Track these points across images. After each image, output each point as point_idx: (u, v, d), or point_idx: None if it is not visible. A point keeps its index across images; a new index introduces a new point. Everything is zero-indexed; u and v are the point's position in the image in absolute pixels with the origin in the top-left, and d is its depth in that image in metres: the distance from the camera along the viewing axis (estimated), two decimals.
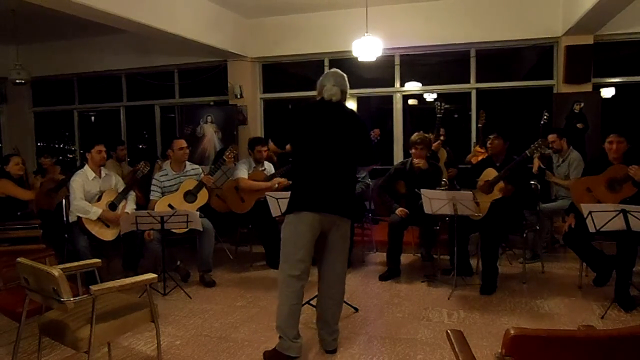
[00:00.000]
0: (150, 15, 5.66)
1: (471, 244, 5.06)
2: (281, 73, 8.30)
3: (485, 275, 4.56)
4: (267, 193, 4.48)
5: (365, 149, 3.30)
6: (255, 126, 7.95)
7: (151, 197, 5.06)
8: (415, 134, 5.10)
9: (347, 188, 3.24)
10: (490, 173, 4.69)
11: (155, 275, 2.83)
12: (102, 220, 4.68)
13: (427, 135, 5.18)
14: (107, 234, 4.71)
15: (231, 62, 7.87)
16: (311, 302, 3.82)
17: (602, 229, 3.81)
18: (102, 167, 4.93)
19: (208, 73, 8.22)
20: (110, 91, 9.02)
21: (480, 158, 5.84)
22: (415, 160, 5.04)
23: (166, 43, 7.23)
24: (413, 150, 5.05)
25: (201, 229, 4.72)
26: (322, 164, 3.14)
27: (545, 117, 5.92)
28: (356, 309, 4.10)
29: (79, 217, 4.63)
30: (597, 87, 6.76)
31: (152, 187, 5.08)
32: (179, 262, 5.07)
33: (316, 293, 3.38)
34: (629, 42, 6.71)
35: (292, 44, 7.43)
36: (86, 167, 4.84)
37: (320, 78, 3.39)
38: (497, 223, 4.54)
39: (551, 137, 5.55)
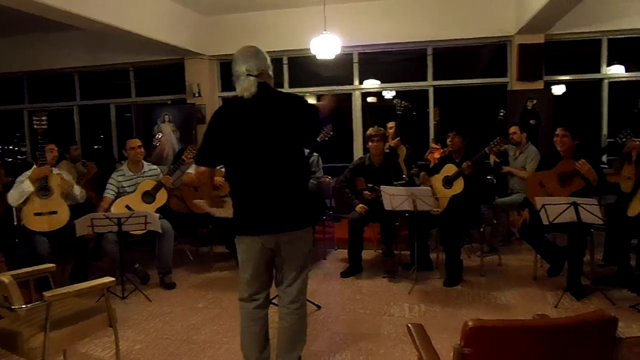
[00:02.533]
0: (104, 12, 5.50)
1: (431, 239, 5.15)
2: None
3: (449, 268, 4.66)
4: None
5: (311, 127, 2.79)
6: None
7: (104, 195, 4.92)
8: (371, 128, 5.15)
9: (294, 196, 2.66)
10: (450, 169, 4.78)
11: (113, 279, 2.76)
12: (44, 212, 4.55)
13: (382, 128, 5.24)
14: (44, 223, 4.56)
15: (189, 60, 7.75)
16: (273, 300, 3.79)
17: (554, 221, 3.95)
18: (53, 167, 4.78)
19: (165, 71, 8.07)
20: (62, 90, 8.74)
21: (436, 154, 5.95)
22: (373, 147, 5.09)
23: (121, 40, 7.07)
24: (370, 144, 5.09)
25: (160, 231, 4.63)
26: (255, 177, 2.59)
27: (501, 113, 6.08)
28: (318, 307, 4.11)
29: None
30: (549, 85, 7.00)
31: (108, 186, 4.95)
32: (137, 265, 4.97)
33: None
34: (578, 41, 6.98)
35: (250, 42, 7.25)
36: (34, 167, 4.70)
37: (233, 60, 2.71)
38: (456, 218, 4.64)
39: (513, 129, 5.74)
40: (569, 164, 4.30)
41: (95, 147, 9.50)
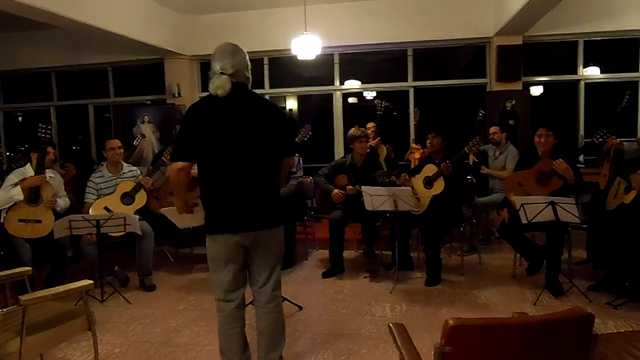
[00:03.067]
0: (81, 11, 5.42)
1: (412, 238, 5.18)
2: None
3: (429, 268, 4.69)
4: None
5: (288, 138, 2.82)
6: None
7: (86, 200, 4.86)
8: (352, 129, 5.14)
9: (269, 194, 2.69)
10: (430, 169, 4.81)
11: (91, 282, 2.72)
12: (29, 220, 4.45)
13: (364, 129, 5.26)
14: (26, 230, 4.46)
15: (168, 60, 7.69)
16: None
17: (533, 220, 4.00)
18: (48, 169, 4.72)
19: (144, 71, 7.99)
20: (39, 90, 8.60)
21: (416, 154, 5.99)
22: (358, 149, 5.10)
23: (99, 40, 6.97)
24: (357, 144, 5.06)
25: (140, 232, 4.58)
26: (230, 174, 2.59)
27: (480, 114, 6.15)
28: (300, 307, 4.10)
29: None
30: (527, 86, 7.10)
31: (87, 189, 4.88)
32: (116, 267, 4.90)
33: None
34: (555, 43, 7.09)
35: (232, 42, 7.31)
36: (27, 166, 4.64)
37: (211, 58, 2.69)
38: (437, 218, 4.67)
39: (493, 128, 5.80)
40: (547, 164, 4.36)
41: (74, 148, 9.37)
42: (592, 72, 7.22)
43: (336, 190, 5.02)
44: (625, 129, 5.56)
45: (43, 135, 4.41)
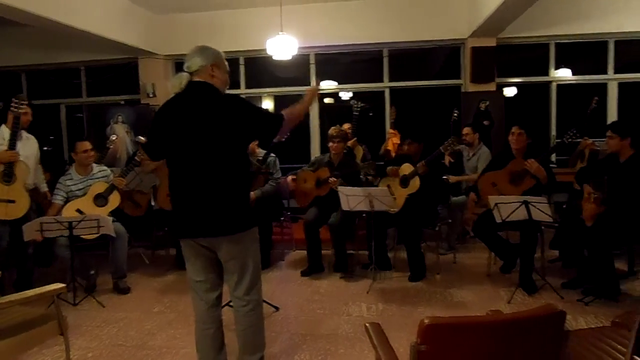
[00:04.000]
0: (52, 9, 5.30)
1: (388, 238, 5.21)
2: None
3: (412, 264, 4.78)
4: None
5: (262, 124, 2.63)
6: None
7: (53, 201, 4.74)
8: (332, 128, 5.17)
9: (228, 200, 2.54)
10: (407, 168, 4.84)
11: (62, 285, 2.67)
12: (1, 200, 4.30)
13: (342, 129, 5.28)
14: (14, 210, 4.33)
15: (142, 60, 7.59)
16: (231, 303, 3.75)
17: (507, 219, 4.06)
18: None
19: (118, 71, 7.87)
20: (9, 89, 8.38)
21: (394, 139, 6.01)
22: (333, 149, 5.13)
23: (71, 38, 6.83)
24: (331, 144, 5.11)
25: (114, 234, 4.50)
26: (186, 178, 2.54)
27: (455, 114, 6.21)
28: (276, 308, 4.09)
29: None
30: (501, 87, 7.20)
31: (55, 191, 4.76)
32: (92, 271, 4.77)
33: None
34: (527, 44, 7.21)
35: (205, 42, 7.17)
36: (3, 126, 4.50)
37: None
38: (413, 216, 4.71)
39: (466, 129, 5.87)
40: (519, 164, 4.43)
41: (45, 148, 9.16)
42: (564, 74, 7.37)
43: (290, 178, 5.23)
44: (595, 130, 5.68)
45: (15, 110, 4.30)
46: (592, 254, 4.02)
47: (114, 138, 5.65)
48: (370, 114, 8.05)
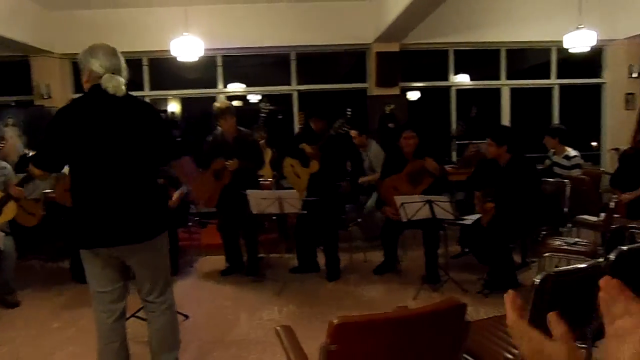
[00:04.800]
0: None
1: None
2: None
3: (329, 265, 4.85)
4: None
5: (167, 143, 2.67)
6: None
7: None
8: (217, 103, 5.02)
9: (143, 205, 2.51)
10: (306, 147, 4.78)
11: None
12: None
13: (230, 103, 5.12)
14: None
15: (35, 58, 7.07)
16: (137, 314, 3.59)
17: (412, 219, 4.21)
18: None
19: (6, 70, 7.28)
20: None
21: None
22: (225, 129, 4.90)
23: None
24: (222, 122, 4.85)
25: (2, 247, 4.14)
26: (101, 184, 2.42)
27: (348, 113, 6.25)
28: (186, 316, 3.95)
29: None
30: (405, 91, 7.48)
31: None
32: None
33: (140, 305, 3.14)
34: (429, 51, 7.56)
35: (106, 41, 6.83)
36: None
37: (85, 56, 2.53)
38: (329, 216, 4.79)
39: (352, 133, 5.97)
40: (416, 164, 4.61)
41: None
42: (462, 79, 7.80)
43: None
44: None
45: None
46: (490, 249, 4.28)
47: (2, 144, 5.20)
48: (280, 117, 8.05)
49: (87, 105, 2.46)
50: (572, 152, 5.64)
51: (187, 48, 5.74)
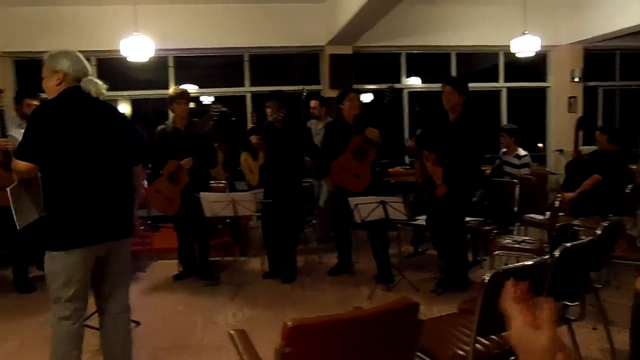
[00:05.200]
0: None
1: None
2: (40, 71, 7.39)
3: (285, 267, 4.84)
4: None
5: (138, 143, 2.83)
6: None
7: None
8: (172, 89, 4.97)
9: (125, 202, 2.65)
10: (251, 139, 4.86)
11: None
12: None
13: (183, 88, 5.02)
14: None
15: None
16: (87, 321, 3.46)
17: (366, 219, 4.25)
18: None
19: None
20: None
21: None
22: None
23: None
24: (175, 106, 4.71)
25: None
26: (87, 183, 2.46)
27: (304, 93, 6.26)
28: (137, 323, 3.83)
29: None
30: (358, 93, 7.52)
31: None
32: None
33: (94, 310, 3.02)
34: (381, 53, 7.67)
35: (52, 40, 6.59)
36: None
37: (56, 58, 2.55)
38: (278, 221, 4.75)
39: (313, 103, 6.25)
40: (358, 140, 4.59)
41: None
42: (414, 82, 7.94)
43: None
44: None
45: None
46: (446, 246, 4.38)
47: None
48: (233, 119, 7.98)
49: (69, 106, 2.49)
50: (522, 151, 5.85)
51: (138, 48, 5.60)
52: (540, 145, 8.38)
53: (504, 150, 5.96)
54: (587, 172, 5.09)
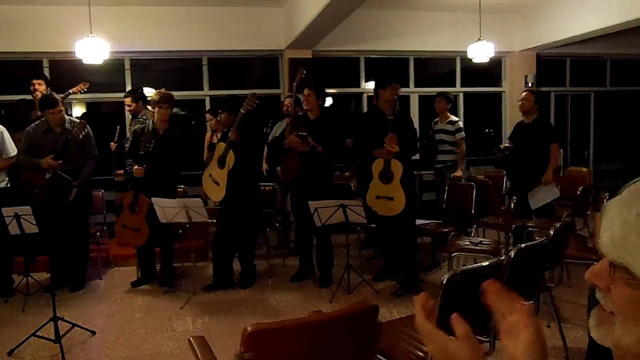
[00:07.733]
0: None
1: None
2: None
3: (244, 272, 4.82)
4: None
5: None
6: None
7: None
8: (155, 92, 4.93)
9: None
10: (220, 148, 4.65)
11: None
12: None
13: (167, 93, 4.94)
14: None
15: None
16: (38, 332, 3.35)
17: (326, 223, 4.27)
18: None
19: None
20: None
21: (212, 123, 5.89)
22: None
23: None
24: (157, 109, 4.75)
25: None
26: None
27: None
28: (93, 332, 3.74)
29: None
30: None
31: None
32: None
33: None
34: (341, 58, 7.72)
35: (4, 40, 6.35)
36: None
37: None
38: (232, 226, 4.69)
39: (288, 101, 6.12)
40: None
41: None
42: (373, 86, 8.01)
43: (136, 168, 4.57)
44: None
45: None
46: (399, 246, 4.44)
47: None
48: (193, 123, 7.87)
49: None
50: (454, 117, 6.18)
51: (93, 50, 5.46)
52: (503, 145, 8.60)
53: (436, 119, 6.23)
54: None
